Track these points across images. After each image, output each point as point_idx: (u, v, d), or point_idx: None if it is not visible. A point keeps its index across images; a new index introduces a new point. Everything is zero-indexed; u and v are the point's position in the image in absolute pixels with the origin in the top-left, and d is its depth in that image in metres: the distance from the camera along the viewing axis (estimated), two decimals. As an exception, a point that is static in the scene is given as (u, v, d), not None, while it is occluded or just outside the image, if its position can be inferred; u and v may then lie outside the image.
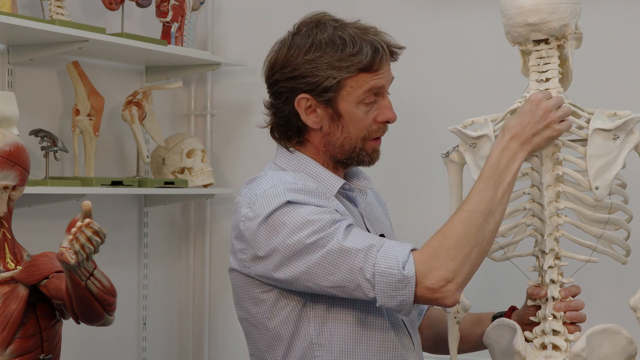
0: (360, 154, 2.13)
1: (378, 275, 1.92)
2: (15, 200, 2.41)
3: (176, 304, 3.73)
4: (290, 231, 1.97)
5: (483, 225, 1.94)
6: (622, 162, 2.02)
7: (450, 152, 2.17)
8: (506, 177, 1.98)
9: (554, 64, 2.07)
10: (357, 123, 2.10)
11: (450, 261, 1.92)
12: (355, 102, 2.08)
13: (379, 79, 2.08)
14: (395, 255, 1.93)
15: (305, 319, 2.05)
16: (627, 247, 2.10)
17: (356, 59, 2.05)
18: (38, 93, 3.14)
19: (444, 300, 1.93)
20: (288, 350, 2.07)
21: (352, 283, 1.95)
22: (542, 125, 2.00)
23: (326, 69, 2.06)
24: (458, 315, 2.17)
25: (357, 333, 2.05)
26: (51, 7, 3.00)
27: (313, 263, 1.96)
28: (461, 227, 1.94)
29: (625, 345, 2.05)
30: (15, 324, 2.32)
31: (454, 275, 1.92)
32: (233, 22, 3.68)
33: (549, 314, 2.06)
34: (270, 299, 2.07)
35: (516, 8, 2.02)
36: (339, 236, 1.95)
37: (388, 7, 3.33)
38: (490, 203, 1.96)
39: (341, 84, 2.06)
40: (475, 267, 1.96)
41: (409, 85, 3.28)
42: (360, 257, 1.94)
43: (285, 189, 2.02)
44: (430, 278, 1.91)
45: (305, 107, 2.09)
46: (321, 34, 2.08)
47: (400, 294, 1.92)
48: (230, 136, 3.70)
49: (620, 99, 2.91)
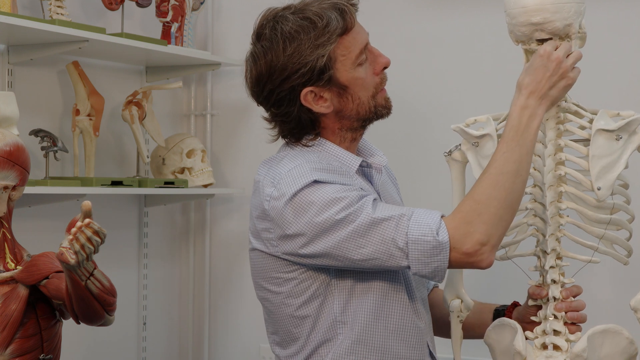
0: (377, 110, 2.15)
1: (412, 244, 1.95)
2: (15, 200, 2.41)
3: (176, 304, 3.73)
4: (318, 209, 1.98)
5: (512, 186, 1.97)
6: (624, 163, 2.02)
7: (453, 151, 2.17)
8: (528, 136, 1.99)
9: (557, 63, 2.07)
10: (362, 84, 2.11)
11: (483, 224, 1.94)
12: (352, 67, 2.08)
13: (360, 35, 2.09)
14: (427, 222, 1.95)
15: (330, 297, 2.07)
16: (629, 247, 2.10)
17: (331, 28, 2.05)
18: (38, 93, 3.14)
19: (480, 263, 1.96)
20: (313, 328, 2.08)
21: (385, 254, 1.97)
22: (557, 76, 2.01)
23: (311, 52, 2.05)
24: (461, 315, 2.18)
25: (377, 311, 2.07)
26: (51, 7, 3.00)
27: (344, 237, 1.97)
28: (490, 190, 1.96)
29: (626, 345, 2.05)
30: (15, 324, 2.32)
31: (488, 238, 1.95)
32: (233, 22, 3.68)
33: (550, 314, 2.06)
34: (296, 278, 2.07)
35: (520, 7, 2.02)
36: (367, 209, 1.97)
37: (388, 7, 3.33)
38: (516, 164, 1.97)
39: (332, 57, 2.06)
40: (507, 227, 1.99)
41: (410, 85, 3.28)
42: (392, 226, 1.96)
43: (310, 168, 2.02)
44: (465, 243, 1.94)
45: (313, 98, 2.09)
46: (286, 26, 2.07)
47: (434, 260, 1.95)
48: (230, 136, 3.70)
49: (624, 99, 2.91)
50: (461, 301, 2.18)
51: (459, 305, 2.17)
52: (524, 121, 1.99)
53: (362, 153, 2.22)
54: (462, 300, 2.18)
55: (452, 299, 2.19)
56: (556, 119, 2.06)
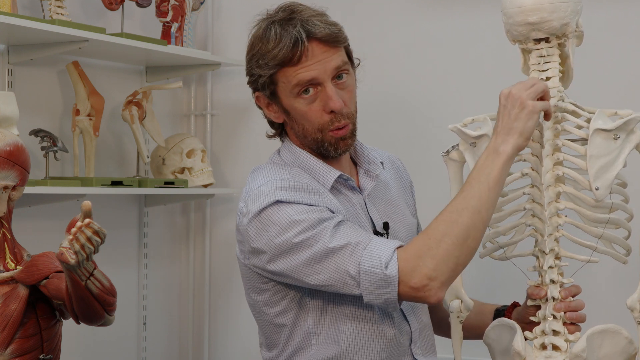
0: (324, 145, 2.12)
1: (363, 274, 1.95)
2: (15, 200, 2.41)
3: (176, 304, 3.73)
4: (278, 230, 2.00)
5: (468, 223, 1.94)
6: (622, 162, 2.02)
7: (450, 151, 2.17)
8: (491, 173, 1.97)
9: (554, 63, 2.07)
10: (304, 116, 2.10)
11: (433, 260, 1.93)
12: (292, 97, 2.08)
13: (306, 71, 2.05)
14: (379, 254, 1.95)
15: (305, 309, 2.09)
16: (628, 246, 2.10)
17: (272, 54, 2.05)
18: (38, 93, 3.14)
19: (427, 298, 1.94)
20: (289, 336, 2.11)
21: (339, 281, 1.98)
22: (516, 109, 1.98)
23: (256, 67, 2.09)
24: (461, 315, 2.18)
25: (352, 323, 2.08)
26: (51, 7, 3.00)
27: (301, 262, 1.99)
28: (444, 226, 1.95)
29: (625, 345, 2.05)
30: (15, 324, 2.32)
31: (437, 274, 1.93)
32: (233, 22, 3.68)
33: (549, 314, 2.06)
34: (269, 290, 2.11)
35: (517, 7, 2.02)
36: (325, 237, 1.97)
37: (388, 7, 3.33)
38: (475, 200, 1.96)
39: (273, 80, 2.08)
40: (459, 265, 1.96)
41: (410, 84, 3.28)
42: (347, 255, 1.96)
43: (276, 187, 2.04)
44: (413, 277, 1.93)
45: (264, 103, 2.13)
46: (257, 30, 2.10)
47: (384, 292, 1.95)
48: (230, 136, 3.70)
49: (621, 98, 2.91)
50: (461, 302, 2.18)
51: (459, 305, 2.17)
52: (489, 159, 1.98)
53: (359, 159, 2.22)
54: (462, 301, 2.18)
55: (451, 300, 2.19)
56: (554, 119, 2.06)
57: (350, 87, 2.12)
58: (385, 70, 3.29)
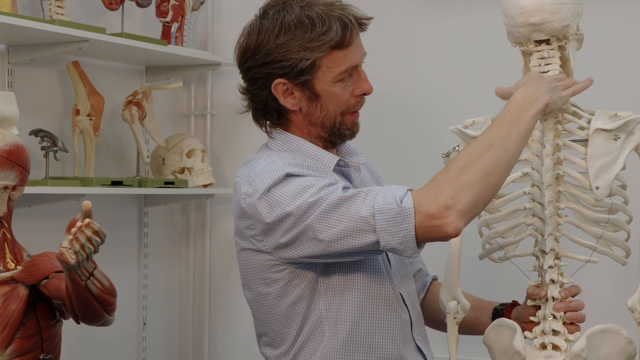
0: (341, 128, 2.14)
1: (377, 214, 1.92)
2: (15, 200, 2.41)
3: (176, 304, 3.73)
4: (292, 197, 1.98)
5: (491, 158, 1.91)
6: (622, 163, 2.02)
7: (451, 152, 2.17)
8: (523, 119, 1.96)
9: (555, 65, 2.07)
10: (336, 100, 2.10)
11: (451, 188, 1.89)
12: (332, 82, 2.08)
13: (354, 55, 2.08)
14: (392, 193, 1.93)
15: (317, 296, 2.07)
16: (627, 248, 2.10)
17: (327, 37, 2.04)
18: (38, 93, 3.14)
19: (445, 227, 1.89)
20: (301, 327, 2.09)
21: (353, 229, 1.94)
22: (552, 86, 2.01)
23: (298, 50, 2.05)
24: (457, 316, 2.17)
25: (362, 308, 2.07)
26: (51, 7, 3.00)
27: (315, 218, 1.96)
28: (467, 158, 1.92)
29: (624, 345, 2.05)
30: (15, 324, 2.32)
31: (454, 202, 1.88)
32: (233, 22, 3.68)
33: (549, 314, 2.07)
34: (283, 278, 2.08)
35: (518, 8, 2.02)
36: (338, 191, 1.96)
37: (388, 7, 3.34)
38: (502, 139, 1.93)
39: (316, 64, 2.07)
40: (479, 199, 1.91)
41: (409, 85, 3.29)
42: (359, 201, 1.95)
43: (284, 163, 2.03)
44: (430, 205, 1.89)
45: (283, 91, 2.10)
46: (289, 16, 2.07)
47: (400, 228, 1.91)
48: (230, 136, 3.70)
49: (621, 99, 2.91)
50: (457, 303, 2.17)
51: (455, 307, 2.17)
52: (523, 106, 1.97)
53: (341, 153, 2.23)
54: (459, 302, 2.17)
55: (448, 301, 2.18)
56: (554, 119, 2.07)
57: None
58: (385, 70, 3.29)
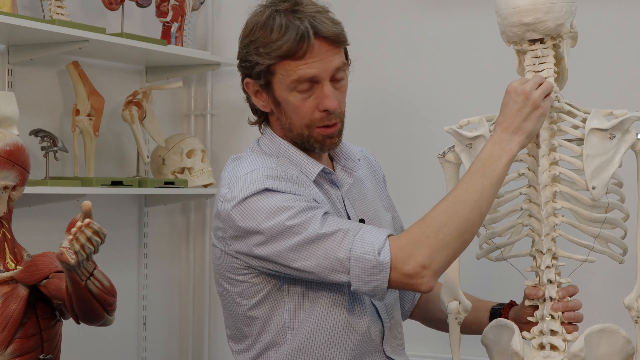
0: (310, 141, 2.11)
1: (354, 260, 1.94)
2: (15, 200, 2.41)
3: (176, 304, 3.73)
4: (267, 215, 1.98)
5: (467, 215, 1.95)
6: (618, 162, 2.02)
7: (446, 153, 2.17)
8: (496, 169, 1.98)
9: (549, 64, 2.07)
10: (295, 110, 2.08)
11: (428, 248, 1.93)
12: (287, 90, 2.06)
13: (308, 68, 2.04)
14: (371, 240, 1.94)
15: (281, 302, 2.07)
16: (624, 246, 2.10)
17: (275, 45, 2.02)
18: (38, 93, 3.14)
19: (419, 286, 1.94)
20: (262, 330, 2.10)
21: (327, 268, 1.96)
22: (528, 108, 1.99)
23: (255, 54, 2.05)
24: (459, 317, 2.17)
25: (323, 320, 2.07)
26: (51, 7, 3.00)
27: (290, 246, 1.97)
28: (443, 216, 1.95)
29: (623, 344, 2.05)
30: (15, 324, 2.32)
31: (431, 263, 1.93)
32: (233, 22, 3.68)
33: (547, 314, 2.06)
34: (247, 281, 2.09)
35: (512, 8, 2.02)
36: (316, 223, 1.96)
37: (388, 7, 3.34)
38: (477, 194, 1.96)
39: (271, 70, 2.05)
40: (454, 256, 1.96)
41: (408, 85, 3.29)
42: (337, 241, 1.95)
43: (264, 175, 2.02)
44: (406, 264, 1.93)
45: (254, 91, 2.11)
46: (259, 17, 2.06)
47: (374, 279, 1.94)
48: (230, 136, 3.71)
49: (616, 97, 2.91)
50: (459, 303, 2.18)
51: (457, 307, 2.17)
52: (495, 154, 1.98)
53: (336, 155, 2.22)
54: (460, 302, 2.17)
55: (449, 301, 2.19)
56: (549, 119, 2.07)
57: (344, 87, 2.12)
58: (384, 70, 3.29)
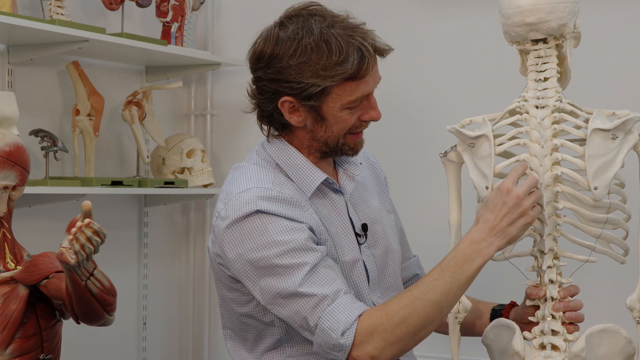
0: (343, 148, 2.13)
1: (319, 331, 1.97)
2: (15, 200, 2.41)
3: (176, 304, 3.73)
4: (255, 246, 1.99)
5: (427, 316, 1.95)
6: (621, 162, 2.01)
7: (448, 152, 2.17)
8: (467, 271, 1.97)
9: (552, 64, 2.07)
10: (342, 124, 2.09)
11: (382, 341, 1.95)
12: (340, 108, 2.06)
13: (366, 86, 2.06)
14: (339, 318, 1.96)
15: (272, 312, 2.07)
16: (626, 246, 2.10)
17: (341, 69, 2.00)
18: (38, 93, 3.14)
19: None
20: (259, 334, 2.11)
21: (296, 323, 2.00)
22: (516, 214, 1.97)
23: (310, 76, 2.01)
24: (459, 316, 2.17)
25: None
26: (51, 7, 3.00)
27: (266, 288, 2.00)
28: (405, 312, 1.95)
29: (624, 345, 2.05)
30: (15, 324, 2.32)
31: (380, 355, 1.95)
32: (233, 22, 3.69)
33: (548, 314, 2.06)
34: (239, 290, 2.10)
35: (515, 7, 2.02)
36: (299, 276, 1.97)
37: (388, 7, 3.34)
38: (442, 295, 1.96)
39: (326, 90, 2.03)
40: (404, 351, 1.99)
41: (409, 85, 3.28)
42: (310, 306, 1.97)
43: (258, 196, 2.02)
44: (358, 350, 1.95)
45: (289, 108, 2.07)
46: (307, 38, 2.01)
47: (333, 354, 1.97)
48: (230, 136, 3.70)
49: (619, 98, 2.91)
50: (459, 302, 2.17)
51: (457, 306, 2.17)
52: (470, 255, 1.97)
53: (338, 160, 2.21)
54: (460, 302, 2.17)
55: (450, 301, 2.19)
56: (552, 119, 2.06)
57: None
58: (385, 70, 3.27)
